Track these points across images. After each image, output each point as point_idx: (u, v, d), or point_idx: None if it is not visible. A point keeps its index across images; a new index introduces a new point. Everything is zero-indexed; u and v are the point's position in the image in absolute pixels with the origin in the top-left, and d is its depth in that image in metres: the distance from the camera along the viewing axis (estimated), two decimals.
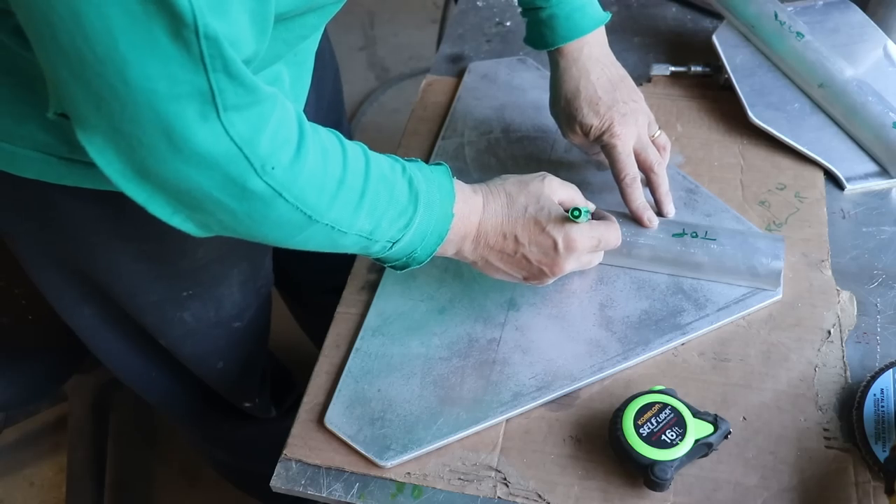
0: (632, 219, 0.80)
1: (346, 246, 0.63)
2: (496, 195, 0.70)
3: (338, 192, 0.59)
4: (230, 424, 1.14)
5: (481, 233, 0.69)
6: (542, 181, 0.71)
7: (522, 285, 0.79)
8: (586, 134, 0.81)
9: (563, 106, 0.82)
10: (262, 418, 1.13)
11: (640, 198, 0.79)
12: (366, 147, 0.64)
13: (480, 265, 0.72)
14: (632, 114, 0.80)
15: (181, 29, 0.46)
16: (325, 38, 0.93)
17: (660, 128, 0.84)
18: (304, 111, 0.80)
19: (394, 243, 0.64)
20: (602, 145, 0.81)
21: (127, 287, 0.83)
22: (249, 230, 0.59)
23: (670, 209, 0.81)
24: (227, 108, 0.51)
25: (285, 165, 0.55)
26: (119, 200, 0.62)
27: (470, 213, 0.69)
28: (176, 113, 0.49)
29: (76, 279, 0.83)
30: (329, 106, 0.99)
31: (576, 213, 0.68)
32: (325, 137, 0.61)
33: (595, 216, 0.76)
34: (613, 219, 0.76)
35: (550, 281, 0.73)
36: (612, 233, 0.74)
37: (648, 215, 0.79)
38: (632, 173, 0.79)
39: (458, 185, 0.69)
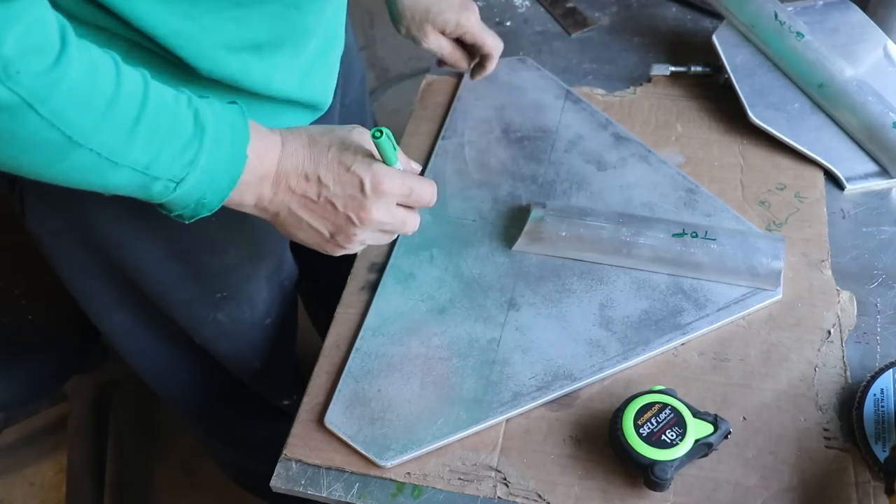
0: (632, 219, 0.80)
1: (120, 183, 0.56)
2: (297, 135, 0.65)
3: (107, 112, 0.53)
4: (247, 425, 1.14)
5: (281, 174, 0.63)
6: (351, 130, 0.66)
7: (523, 284, 0.79)
8: (443, 31, 0.91)
9: (412, 14, 0.90)
10: (279, 420, 1.12)
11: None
12: (147, 74, 0.58)
13: (283, 217, 0.65)
14: (470, 6, 0.92)
15: None
16: (351, 37, 0.93)
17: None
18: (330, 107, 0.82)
19: (178, 183, 0.57)
20: (463, 32, 0.92)
21: (158, 286, 0.83)
22: (1, 153, 0.53)
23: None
24: None
25: (37, 72, 0.49)
26: (138, 205, 0.62)
27: (267, 150, 0.63)
28: None
29: (109, 281, 0.83)
30: (353, 106, 0.99)
31: (377, 133, 0.62)
32: (96, 54, 0.54)
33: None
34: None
35: (358, 240, 0.67)
36: (425, 186, 0.67)
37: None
38: (496, 44, 0.95)
39: (253, 123, 0.63)
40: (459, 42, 0.95)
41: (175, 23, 0.60)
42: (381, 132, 0.62)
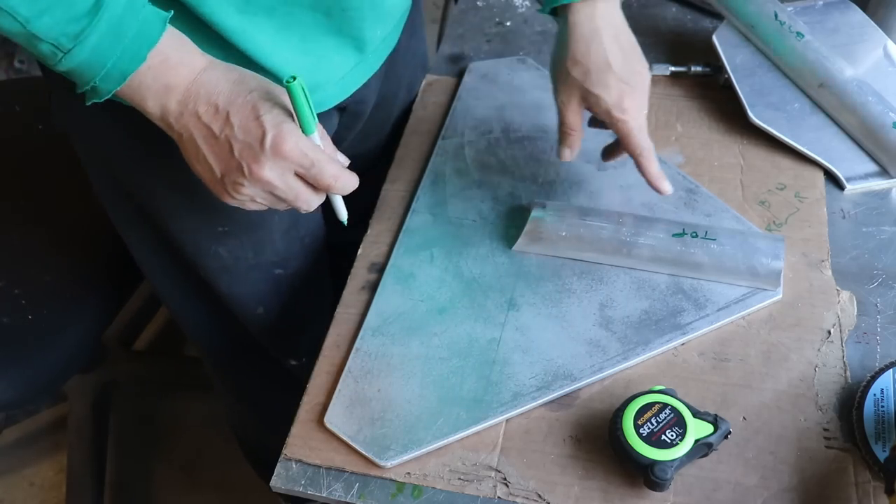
0: (632, 219, 0.80)
1: (4, 26, 0.57)
2: (227, 68, 0.64)
3: None
4: (256, 380, 1.13)
5: (192, 94, 0.62)
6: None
7: (523, 284, 0.79)
8: (591, 106, 0.75)
9: (569, 68, 0.74)
10: (288, 383, 1.11)
11: (657, 167, 0.76)
12: None
13: (185, 141, 0.64)
14: (641, 86, 0.75)
15: None
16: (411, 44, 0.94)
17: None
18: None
19: (64, 53, 0.58)
20: (610, 120, 0.75)
21: (165, 213, 0.84)
22: None
23: (667, 186, 0.78)
24: None
25: None
26: (143, 121, 0.65)
27: (181, 63, 0.62)
28: None
29: (127, 203, 0.86)
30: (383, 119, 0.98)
31: (290, 79, 0.60)
32: None
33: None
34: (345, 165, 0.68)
35: (246, 193, 0.64)
36: (331, 167, 0.64)
37: (665, 185, 0.77)
38: (647, 146, 0.76)
39: (178, 35, 0.63)
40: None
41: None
42: (294, 78, 0.60)
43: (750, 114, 0.91)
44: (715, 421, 0.66)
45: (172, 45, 0.62)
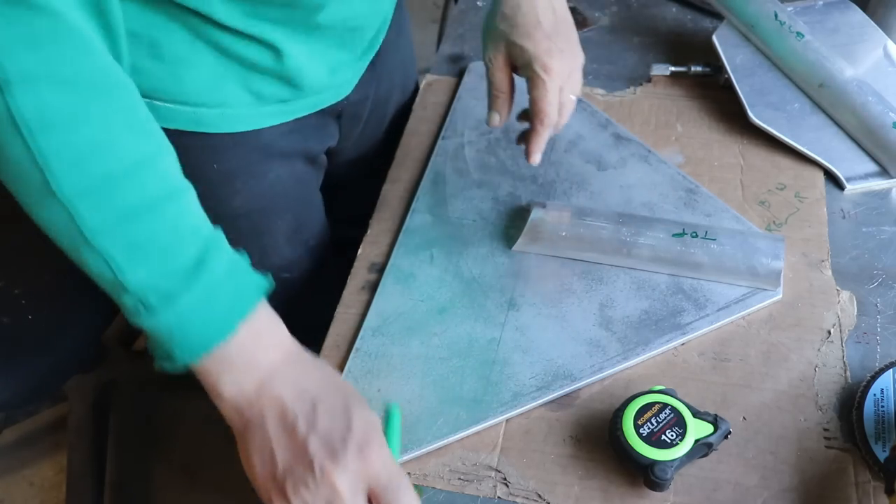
0: (632, 219, 0.80)
1: (91, 267, 0.51)
2: (319, 361, 0.59)
3: (103, 181, 0.49)
4: None
5: (277, 375, 0.55)
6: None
7: (523, 284, 0.79)
8: (515, 60, 0.74)
9: (498, 22, 0.74)
10: None
11: (543, 142, 0.76)
12: (187, 190, 0.54)
13: (249, 429, 0.56)
14: (569, 55, 0.75)
15: None
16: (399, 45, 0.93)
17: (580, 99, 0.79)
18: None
19: (146, 309, 0.52)
20: (530, 75, 0.74)
21: None
22: None
23: (537, 158, 0.77)
24: None
25: (44, 101, 0.45)
26: None
27: (271, 344, 0.56)
28: None
29: None
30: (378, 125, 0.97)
31: (391, 406, 0.58)
32: (144, 130, 0.51)
33: None
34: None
35: (305, 495, 0.53)
36: (408, 492, 0.55)
37: (536, 157, 0.76)
38: (552, 117, 0.74)
39: (271, 312, 0.57)
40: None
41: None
42: (394, 407, 0.60)
43: (750, 114, 0.91)
44: (715, 421, 0.66)
45: (266, 321, 0.57)
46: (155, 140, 0.54)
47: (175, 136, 0.71)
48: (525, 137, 0.79)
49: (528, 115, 0.78)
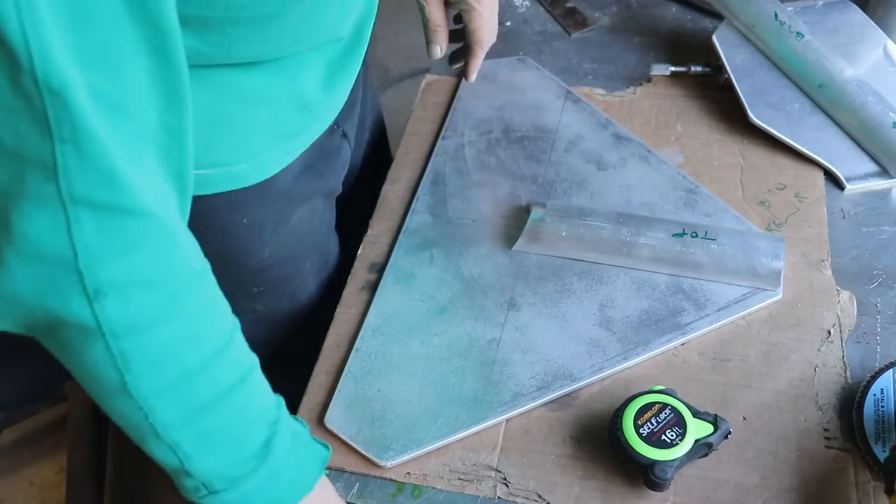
0: (632, 219, 0.80)
1: (156, 453, 0.51)
2: None
3: (178, 384, 0.48)
4: None
5: None
6: None
7: (523, 284, 0.79)
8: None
9: None
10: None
11: (479, 63, 0.85)
12: (254, 365, 0.54)
13: None
14: None
15: (17, 72, 0.34)
16: (366, 76, 0.93)
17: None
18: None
19: (210, 493, 0.52)
20: (463, 8, 0.80)
21: None
22: (57, 354, 0.49)
23: (473, 77, 0.87)
24: (74, 197, 0.39)
25: (131, 306, 0.44)
26: None
27: None
28: (13, 173, 0.38)
29: None
30: (371, 148, 0.98)
31: None
32: (212, 314, 0.50)
33: None
34: None
35: None
36: None
37: (472, 76, 0.86)
38: (488, 42, 0.83)
39: (325, 482, 0.59)
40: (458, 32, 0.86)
41: (204, 48, 0.58)
42: None
43: (750, 114, 0.91)
44: (715, 421, 0.66)
45: (321, 494, 0.58)
46: (227, 323, 0.52)
47: (206, 199, 0.69)
48: (464, 62, 0.86)
49: (463, 46, 0.86)
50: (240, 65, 0.64)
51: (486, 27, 0.82)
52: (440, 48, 0.83)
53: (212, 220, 0.55)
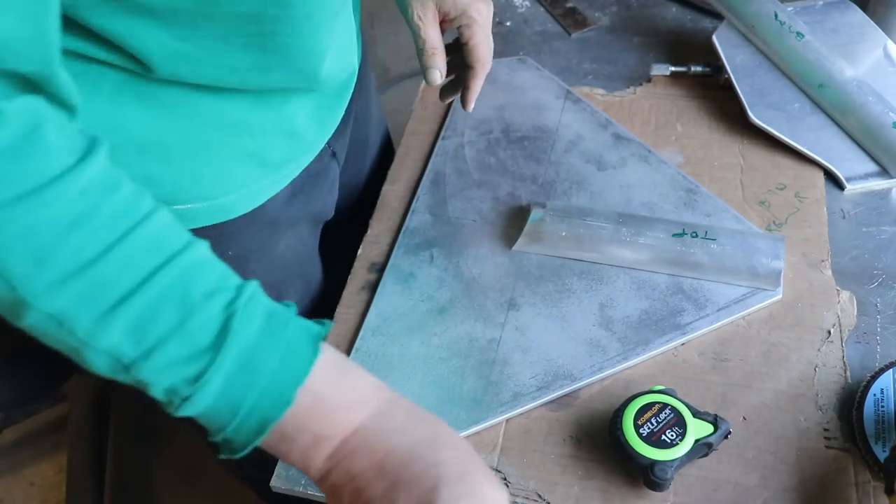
0: (633, 219, 0.80)
1: (103, 369, 0.45)
2: (415, 413, 0.48)
3: (76, 274, 0.41)
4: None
5: (349, 445, 0.47)
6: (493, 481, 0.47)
7: (523, 284, 0.79)
8: (447, 10, 0.76)
9: None
10: None
11: (480, 86, 0.79)
12: (201, 244, 0.46)
13: (329, 490, 0.48)
14: (488, 2, 0.78)
15: None
16: (370, 94, 0.93)
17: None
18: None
19: (182, 400, 0.45)
20: (466, 23, 0.76)
21: None
22: None
23: (472, 106, 0.81)
24: None
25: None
26: None
27: (339, 407, 0.47)
28: None
29: None
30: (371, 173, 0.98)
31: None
32: (111, 190, 0.43)
33: None
34: None
35: None
36: None
37: (471, 106, 0.80)
38: (488, 60, 0.78)
39: (336, 359, 0.48)
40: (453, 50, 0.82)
41: (174, 45, 0.56)
42: None
43: (750, 114, 0.91)
44: (715, 421, 0.66)
45: (329, 378, 0.47)
46: (141, 202, 0.46)
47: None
48: (464, 87, 0.80)
49: (457, 76, 0.82)
50: (223, 91, 0.62)
51: (487, 42, 0.78)
52: (440, 72, 0.78)
53: None
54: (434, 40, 0.77)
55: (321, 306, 0.92)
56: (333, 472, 0.47)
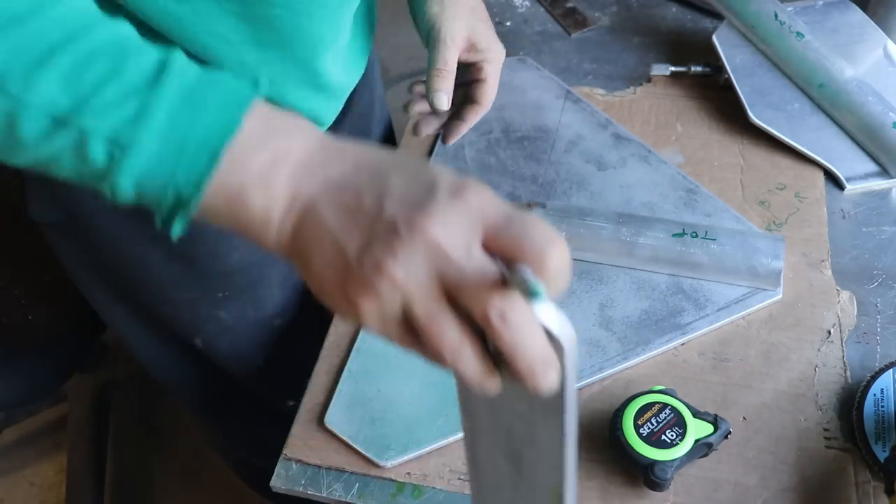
0: (633, 219, 0.80)
1: (33, 134, 0.41)
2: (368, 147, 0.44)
3: (5, 27, 0.39)
4: (250, 425, 1.13)
5: (317, 154, 0.42)
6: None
7: None
8: (478, 41, 0.78)
9: (464, 2, 0.79)
10: (283, 421, 1.12)
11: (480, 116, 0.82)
12: (118, 22, 0.43)
13: (301, 235, 0.42)
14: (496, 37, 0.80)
15: None
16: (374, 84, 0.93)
17: None
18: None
19: (123, 148, 0.40)
20: (483, 59, 0.79)
21: (158, 285, 0.82)
22: None
23: (454, 140, 0.84)
24: None
25: None
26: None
27: (292, 127, 0.43)
28: None
29: (107, 278, 0.83)
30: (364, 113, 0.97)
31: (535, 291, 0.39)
32: None
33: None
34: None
35: (392, 270, 0.38)
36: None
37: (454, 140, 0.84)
38: (492, 102, 0.81)
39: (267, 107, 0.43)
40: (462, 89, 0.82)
41: (168, 5, 0.56)
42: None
43: (750, 114, 0.91)
44: (715, 421, 0.66)
45: (274, 110, 0.44)
46: None
47: None
48: (458, 120, 0.83)
49: (459, 103, 0.83)
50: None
51: (496, 84, 0.80)
52: (447, 97, 0.76)
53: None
54: (452, 65, 0.77)
55: (302, 294, 0.93)
56: (302, 189, 0.41)
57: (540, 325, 0.40)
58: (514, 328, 0.38)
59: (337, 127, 0.83)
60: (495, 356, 0.40)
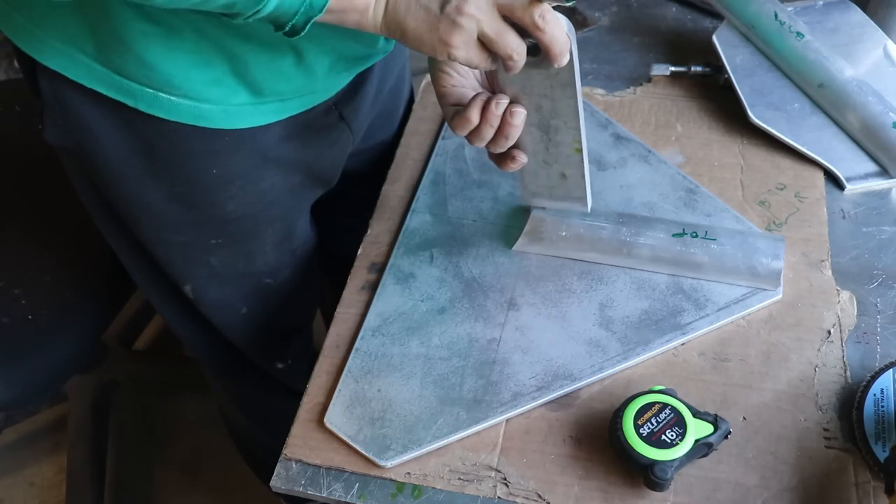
0: (633, 219, 0.80)
1: None
2: None
3: None
4: (251, 389, 1.14)
5: None
6: None
7: (523, 284, 0.79)
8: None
9: None
10: (283, 391, 1.12)
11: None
12: None
13: (394, 13, 0.60)
14: None
15: None
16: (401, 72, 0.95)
17: None
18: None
19: None
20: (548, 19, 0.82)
21: (154, 224, 0.83)
22: None
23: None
24: None
25: None
26: (152, 135, 0.62)
27: None
28: None
29: (110, 210, 0.84)
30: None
31: None
32: None
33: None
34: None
35: (469, 13, 0.59)
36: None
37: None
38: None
39: None
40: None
41: None
42: None
43: (750, 114, 0.91)
44: (715, 421, 0.66)
45: None
46: None
47: (178, 139, 0.71)
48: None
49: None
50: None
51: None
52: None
53: (184, 160, 0.58)
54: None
55: (301, 266, 0.93)
56: None
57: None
58: (550, 23, 0.59)
59: (352, 100, 0.84)
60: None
